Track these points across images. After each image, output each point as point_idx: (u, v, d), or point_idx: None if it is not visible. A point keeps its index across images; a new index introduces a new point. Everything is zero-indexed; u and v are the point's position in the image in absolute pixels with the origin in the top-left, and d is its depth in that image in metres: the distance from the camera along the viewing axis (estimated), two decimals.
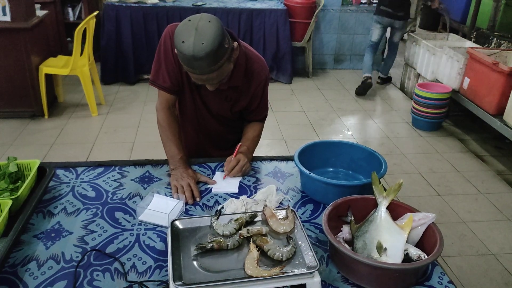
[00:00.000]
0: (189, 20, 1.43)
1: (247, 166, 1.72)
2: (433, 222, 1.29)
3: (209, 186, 1.64)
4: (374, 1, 5.62)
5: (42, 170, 1.56)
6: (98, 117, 4.42)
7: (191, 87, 1.75)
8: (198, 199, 1.55)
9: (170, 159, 1.70)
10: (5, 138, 3.89)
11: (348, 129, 4.45)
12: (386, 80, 5.75)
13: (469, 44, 4.82)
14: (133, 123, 4.30)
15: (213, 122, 1.87)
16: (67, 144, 3.86)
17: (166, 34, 1.66)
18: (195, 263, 1.14)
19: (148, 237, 1.36)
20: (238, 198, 1.52)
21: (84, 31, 4.15)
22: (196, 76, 1.48)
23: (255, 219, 1.32)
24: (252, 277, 1.08)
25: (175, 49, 1.44)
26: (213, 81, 1.52)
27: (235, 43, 1.53)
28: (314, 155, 1.71)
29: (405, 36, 5.80)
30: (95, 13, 4.33)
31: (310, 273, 1.10)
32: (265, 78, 1.77)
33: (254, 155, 1.88)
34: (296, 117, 4.68)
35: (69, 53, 4.66)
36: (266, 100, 1.86)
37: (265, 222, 1.31)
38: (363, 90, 5.20)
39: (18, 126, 4.12)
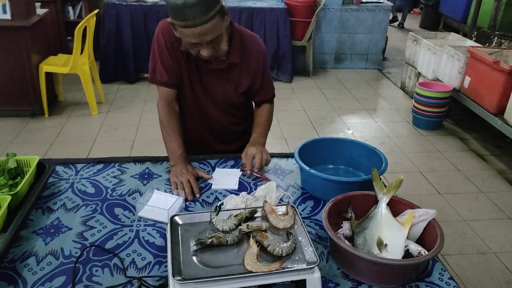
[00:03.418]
0: None
1: (267, 156, 1.70)
2: (433, 218, 1.28)
3: (208, 182, 1.63)
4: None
5: (42, 166, 1.56)
6: (98, 116, 4.41)
7: (190, 78, 1.73)
8: (197, 195, 1.54)
9: (170, 156, 1.70)
10: (5, 137, 3.89)
11: (348, 128, 4.44)
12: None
13: (469, 43, 4.81)
14: (133, 122, 4.30)
15: (216, 112, 1.83)
16: (67, 143, 3.86)
17: (158, 30, 1.68)
18: (194, 258, 1.13)
19: (148, 233, 1.35)
20: (238, 194, 1.52)
21: (85, 29, 4.14)
22: (189, 31, 1.44)
23: (255, 215, 1.31)
24: (251, 272, 1.08)
25: (166, 5, 1.45)
26: (206, 37, 1.47)
27: (226, 7, 1.53)
28: (314, 152, 1.71)
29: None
30: (95, 11, 4.33)
31: (310, 268, 1.09)
32: (262, 53, 1.76)
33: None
34: (296, 116, 4.68)
35: (69, 51, 4.66)
36: (269, 78, 1.84)
37: (265, 218, 1.30)
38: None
39: (18, 125, 4.11)
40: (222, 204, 1.45)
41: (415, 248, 1.22)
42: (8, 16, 3.86)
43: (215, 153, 1.87)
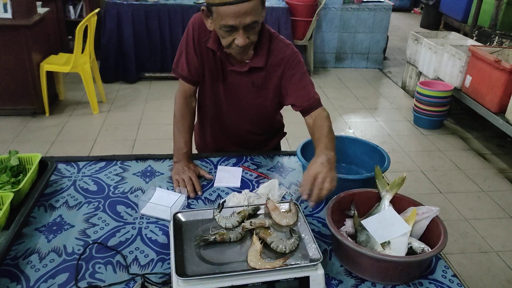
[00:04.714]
0: None
1: (330, 185, 1.26)
2: (437, 216, 1.28)
3: (211, 180, 1.63)
4: None
5: (44, 164, 1.55)
6: (99, 115, 4.41)
7: (212, 77, 1.67)
8: (199, 193, 1.54)
9: (175, 151, 1.70)
10: (6, 135, 3.89)
11: (349, 127, 4.44)
12: None
13: (471, 42, 4.81)
14: (134, 121, 4.30)
15: (236, 117, 1.76)
16: (68, 142, 3.86)
17: (190, 23, 1.62)
18: (197, 255, 1.13)
19: (150, 231, 1.35)
20: (240, 192, 1.51)
21: (86, 29, 4.14)
22: (228, 10, 1.35)
23: (258, 212, 1.31)
24: (255, 269, 1.07)
25: None
26: (245, 19, 1.37)
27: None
28: None
29: None
30: (96, 10, 4.33)
31: (314, 265, 1.09)
32: (291, 58, 1.60)
33: (255, 150, 1.87)
34: (297, 115, 4.64)
35: (70, 50, 4.65)
36: (308, 81, 1.64)
37: (268, 215, 1.30)
38: None
39: (19, 124, 4.11)
40: (224, 201, 1.45)
41: (418, 245, 1.22)
42: (9, 15, 3.86)
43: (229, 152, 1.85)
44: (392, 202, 1.33)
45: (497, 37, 4.87)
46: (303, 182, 1.28)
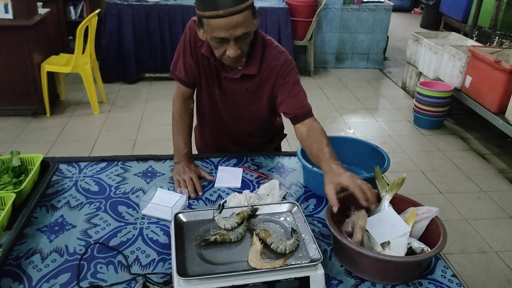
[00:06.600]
0: None
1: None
2: (436, 216, 1.29)
3: (211, 181, 1.64)
4: None
5: (45, 164, 1.56)
6: (100, 115, 4.42)
7: (208, 81, 1.68)
8: (200, 193, 1.55)
9: (175, 152, 1.71)
10: (7, 136, 3.90)
11: (349, 127, 4.45)
12: None
13: (471, 42, 4.81)
14: (134, 121, 4.30)
15: (233, 120, 1.77)
16: (69, 142, 3.87)
17: (187, 25, 1.63)
18: (198, 255, 1.14)
19: (152, 231, 1.36)
20: (241, 192, 1.52)
21: (86, 29, 4.15)
22: (219, 22, 1.34)
23: (257, 213, 1.31)
24: (255, 269, 1.08)
25: None
26: (237, 31, 1.37)
27: (257, 8, 1.47)
28: None
29: None
30: (97, 11, 4.34)
31: (314, 265, 1.10)
32: (283, 66, 1.59)
33: (255, 151, 1.88)
34: None
35: (71, 51, 4.66)
36: (300, 89, 1.62)
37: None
38: None
39: (20, 124, 4.12)
40: (225, 202, 1.46)
41: (417, 245, 1.22)
42: (10, 15, 3.87)
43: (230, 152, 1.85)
44: (392, 202, 1.34)
45: (497, 38, 4.88)
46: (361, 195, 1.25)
